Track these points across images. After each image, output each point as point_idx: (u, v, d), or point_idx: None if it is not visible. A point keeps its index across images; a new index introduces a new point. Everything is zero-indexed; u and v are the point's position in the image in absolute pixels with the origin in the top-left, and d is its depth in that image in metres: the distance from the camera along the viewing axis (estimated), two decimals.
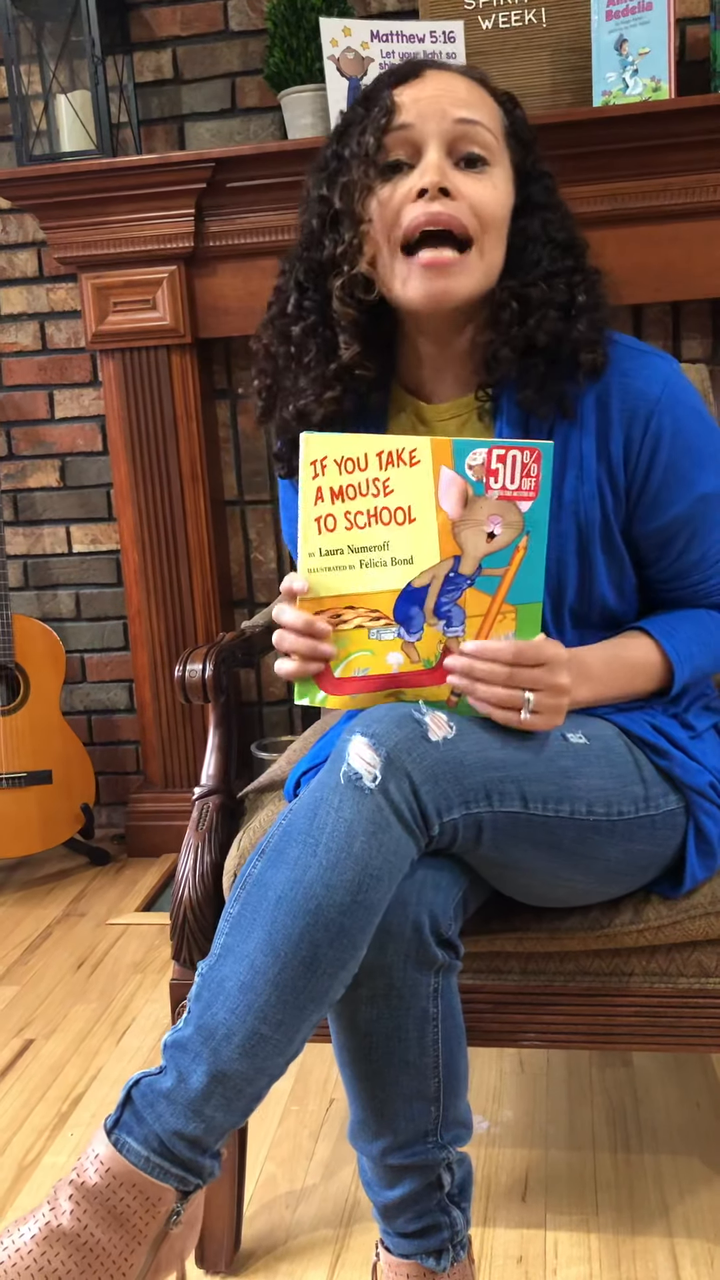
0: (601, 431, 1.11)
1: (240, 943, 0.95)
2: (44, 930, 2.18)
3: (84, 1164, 0.94)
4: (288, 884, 0.94)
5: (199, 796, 1.28)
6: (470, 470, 0.97)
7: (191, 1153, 0.94)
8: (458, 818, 0.97)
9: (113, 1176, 0.93)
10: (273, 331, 1.17)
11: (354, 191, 1.08)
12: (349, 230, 1.09)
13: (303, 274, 1.14)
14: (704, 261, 2.07)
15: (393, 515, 0.99)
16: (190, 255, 2.23)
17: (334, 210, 1.10)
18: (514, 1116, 1.51)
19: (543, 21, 2.08)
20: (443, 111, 1.07)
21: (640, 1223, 1.31)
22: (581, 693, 1.09)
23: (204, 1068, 0.93)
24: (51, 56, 2.30)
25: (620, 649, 1.13)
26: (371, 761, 0.95)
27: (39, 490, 2.62)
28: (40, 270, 2.51)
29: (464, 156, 1.08)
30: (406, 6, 2.25)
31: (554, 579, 1.12)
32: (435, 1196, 1.04)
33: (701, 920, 1.12)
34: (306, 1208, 1.37)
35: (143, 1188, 0.93)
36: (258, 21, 2.30)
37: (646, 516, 1.13)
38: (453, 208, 1.05)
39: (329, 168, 1.12)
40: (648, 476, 1.12)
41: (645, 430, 1.10)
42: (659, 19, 1.94)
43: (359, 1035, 1.02)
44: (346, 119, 1.13)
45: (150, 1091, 0.95)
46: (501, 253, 1.10)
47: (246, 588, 2.54)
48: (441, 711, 1.00)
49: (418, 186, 1.06)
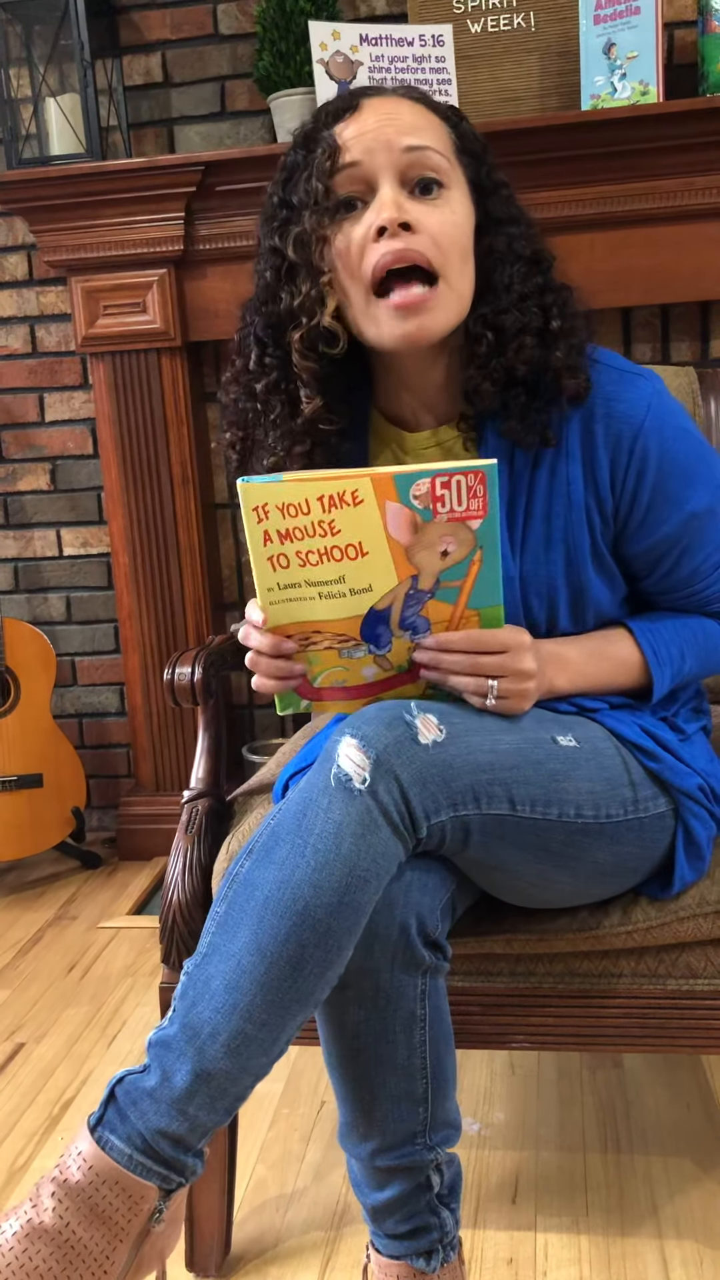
0: (587, 457, 1.10)
1: (227, 942, 0.95)
2: (35, 934, 2.18)
3: (67, 1161, 0.94)
4: (275, 884, 0.94)
5: (189, 799, 1.28)
6: (416, 500, 0.96)
7: (175, 1151, 0.94)
8: (446, 820, 0.97)
9: (95, 1174, 0.93)
10: (238, 388, 1.15)
11: (309, 242, 1.06)
12: (305, 282, 1.06)
13: (261, 328, 1.11)
14: (692, 264, 2.08)
15: (344, 552, 0.98)
16: (180, 258, 2.23)
17: (288, 262, 1.07)
18: (504, 1118, 1.51)
19: (531, 25, 2.09)
20: (388, 142, 1.04)
21: (630, 1224, 1.31)
22: (559, 681, 1.09)
23: (188, 1066, 0.93)
24: (41, 60, 2.30)
25: (602, 642, 1.14)
26: (361, 763, 0.95)
27: (29, 493, 2.61)
28: (30, 273, 2.51)
29: (418, 184, 1.05)
30: (396, 10, 2.25)
31: (546, 604, 1.12)
32: (424, 1198, 1.04)
33: (690, 922, 1.13)
34: (297, 1211, 1.37)
35: (125, 1185, 0.93)
36: (247, 25, 2.31)
37: (635, 538, 1.13)
38: (415, 241, 1.03)
39: (278, 216, 1.09)
40: (634, 499, 1.11)
41: (630, 455, 1.09)
42: (647, 23, 1.95)
43: (346, 1037, 1.02)
44: (289, 164, 1.09)
45: (134, 1089, 0.95)
46: (470, 277, 1.08)
47: (237, 591, 2.54)
48: (430, 714, 1.00)
49: (376, 225, 1.03)
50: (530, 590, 1.12)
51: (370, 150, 1.04)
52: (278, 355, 1.11)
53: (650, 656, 1.13)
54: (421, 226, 1.04)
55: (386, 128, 1.05)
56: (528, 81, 2.12)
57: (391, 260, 1.03)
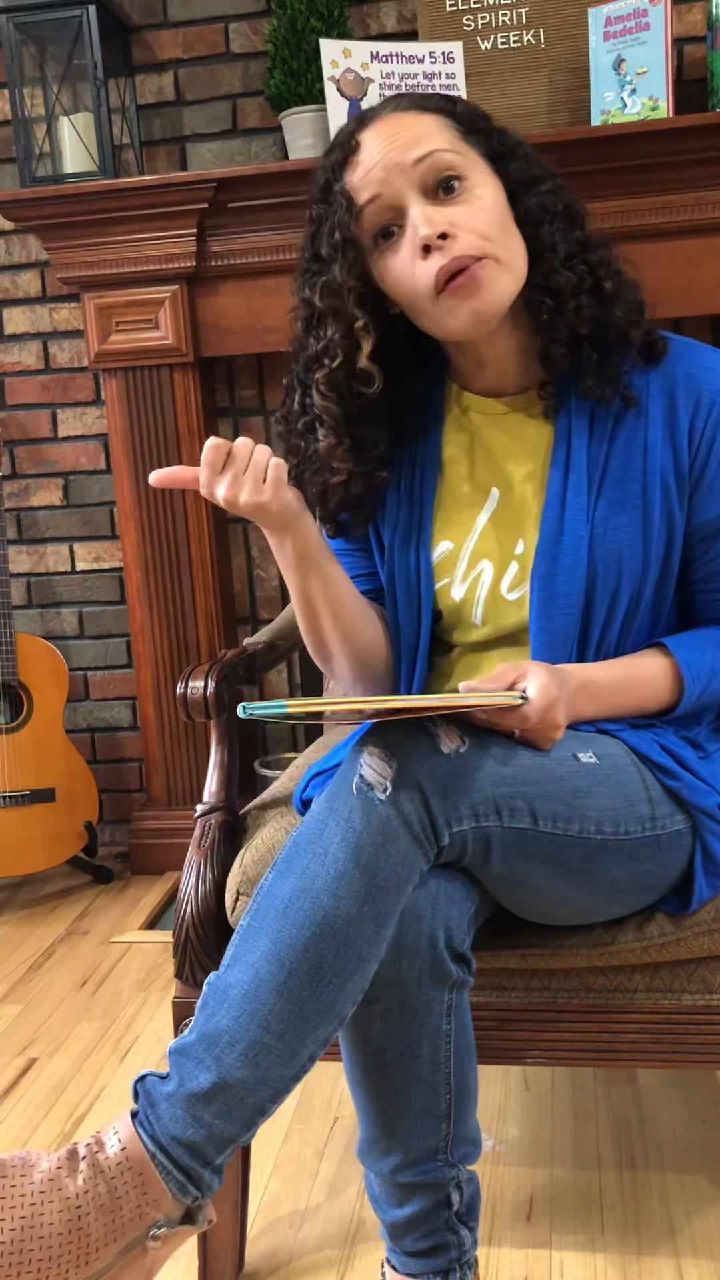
0: (669, 419, 1.14)
1: (247, 951, 0.96)
2: (47, 949, 2.18)
3: (106, 1137, 0.93)
4: (294, 893, 0.94)
5: (201, 814, 1.28)
6: None
7: (191, 1160, 0.93)
8: (467, 830, 0.98)
9: (125, 1157, 0.92)
10: (287, 425, 1.21)
11: (337, 291, 1.11)
12: (330, 328, 1.12)
13: (300, 372, 1.18)
14: (704, 278, 2.08)
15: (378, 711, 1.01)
16: (192, 275, 2.24)
17: (316, 311, 1.13)
18: (519, 1134, 1.51)
19: (541, 42, 2.10)
20: (398, 164, 1.07)
21: (647, 1242, 1.30)
22: (584, 710, 1.11)
23: (206, 1074, 0.93)
24: (54, 79, 2.32)
25: (632, 669, 1.14)
26: (383, 772, 0.95)
27: (42, 509, 2.62)
28: (43, 290, 2.53)
29: (440, 186, 1.08)
30: (406, 28, 2.27)
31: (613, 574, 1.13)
32: (444, 1215, 1.04)
33: (705, 937, 1.12)
34: (311, 1227, 1.37)
35: (147, 1179, 0.92)
36: (258, 44, 2.32)
37: (701, 506, 1.15)
38: (459, 246, 1.06)
39: (310, 269, 1.14)
40: (706, 465, 1.14)
41: (709, 416, 1.13)
42: (656, 39, 1.96)
43: (372, 1051, 1.01)
44: (315, 216, 1.14)
45: (154, 1092, 0.95)
46: (520, 245, 1.11)
47: (249, 605, 2.54)
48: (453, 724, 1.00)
49: (419, 245, 1.07)
50: (597, 556, 1.13)
51: (384, 180, 1.08)
52: (310, 397, 1.16)
53: (685, 669, 1.13)
54: (459, 228, 1.07)
55: (391, 150, 1.07)
56: (537, 98, 2.13)
57: (444, 273, 1.06)
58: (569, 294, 1.11)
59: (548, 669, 1.05)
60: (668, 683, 1.14)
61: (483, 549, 1.19)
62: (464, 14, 2.11)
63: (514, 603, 1.17)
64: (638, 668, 1.14)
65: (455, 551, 1.20)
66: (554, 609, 1.13)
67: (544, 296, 1.12)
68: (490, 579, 1.18)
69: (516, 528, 1.18)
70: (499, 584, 1.18)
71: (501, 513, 1.19)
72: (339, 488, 1.17)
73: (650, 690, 1.14)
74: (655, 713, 1.16)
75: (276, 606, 2.51)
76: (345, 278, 1.10)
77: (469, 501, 1.21)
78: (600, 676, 1.12)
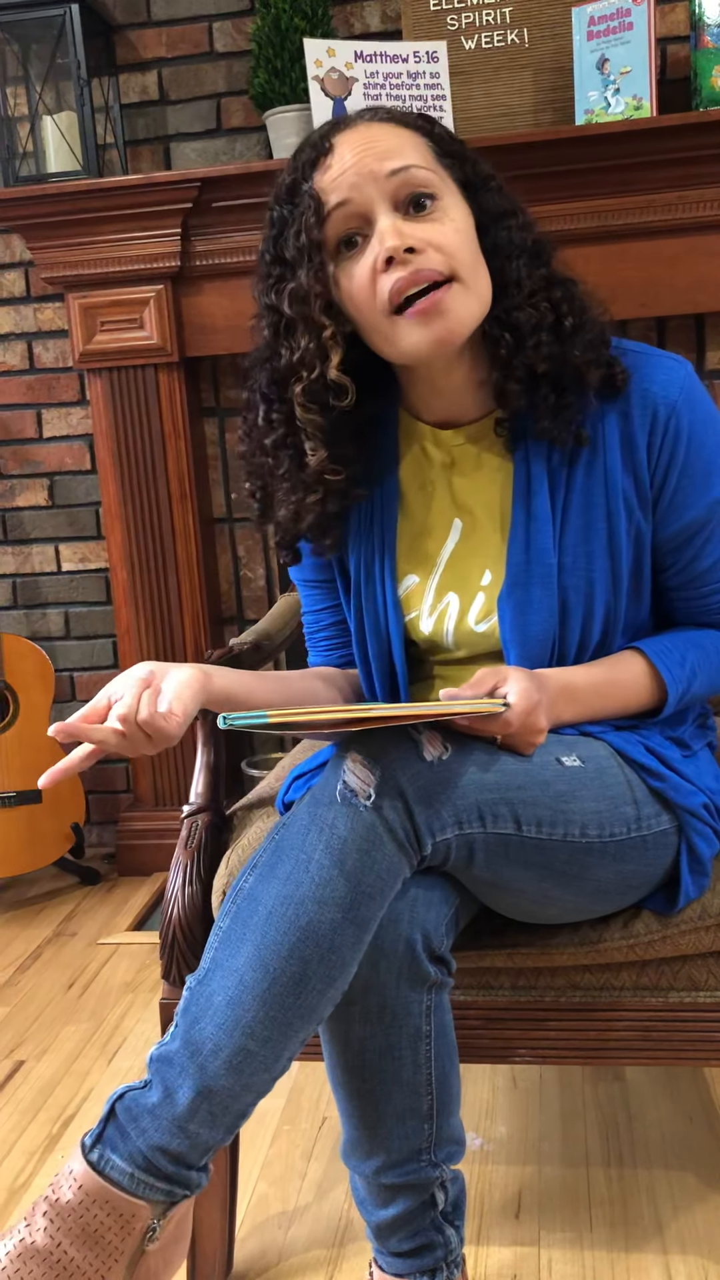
0: (625, 441, 1.11)
1: (229, 958, 0.95)
2: (34, 950, 2.17)
3: (60, 1181, 0.94)
4: (279, 899, 0.94)
5: (188, 814, 1.28)
6: None
7: (176, 1167, 0.93)
8: (451, 837, 0.97)
9: (86, 1194, 0.92)
10: (251, 442, 1.16)
11: (305, 298, 1.06)
12: (304, 336, 1.07)
13: (265, 384, 1.13)
14: (687, 277, 2.09)
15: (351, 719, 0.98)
16: (177, 274, 2.24)
17: (285, 318, 1.08)
18: (507, 1133, 1.51)
19: (525, 41, 2.10)
20: (372, 172, 1.04)
21: (634, 1239, 1.30)
22: (565, 714, 1.10)
23: (190, 1083, 0.93)
24: (38, 78, 2.31)
25: (612, 671, 1.13)
26: (366, 779, 0.95)
27: (27, 509, 2.61)
28: (27, 290, 2.52)
29: (410, 202, 1.05)
30: (390, 27, 2.26)
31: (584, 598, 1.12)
32: (429, 1215, 1.04)
33: (691, 935, 1.12)
34: (299, 1228, 1.37)
35: (116, 1205, 0.92)
36: (242, 43, 2.32)
37: (665, 519, 1.14)
38: (424, 261, 1.03)
39: (272, 274, 1.10)
40: (665, 478, 1.12)
41: (665, 431, 1.10)
42: (640, 38, 1.96)
43: (352, 1054, 1.01)
44: (276, 219, 1.09)
45: (135, 1106, 0.94)
46: (486, 275, 1.09)
47: (236, 605, 2.54)
48: (436, 731, 1.00)
49: (382, 257, 1.04)
50: (568, 584, 1.12)
51: (355, 185, 1.04)
52: (282, 410, 1.12)
53: (664, 671, 1.13)
54: (426, 245, 1.04)
55: (366, 158, 1.05)
56: (522, 97, 2.13)
57: (406, 284, 1.03)
58: (529, 331, 1.08)
59: (527, 674, 1.04)
60: (647, 683, 1.14)
61: (448, 581, 1.18)
62: (448, 13, 2.11)
63: (483, 634, 1.17)
64: (617, 669, 1.14)
65: (422, 585, 1.19)
66: (528, 638, 1.12)
67: (504, 331, 1.09)
68: (457, 612, 1.17)
69: (482, 559, 1.17)
70: (465, 616, 1.17)
71: (464, 545, 1.18)
72: (315, 505, 1.13)
73: (630, 691, 1.13)
74: (638, 714, 1.15)
75: (263, 606, 2.51)
76: (312, 283, 1.06)
77: (432, 534, 1.19)
78: (580, 679, 1.11)
